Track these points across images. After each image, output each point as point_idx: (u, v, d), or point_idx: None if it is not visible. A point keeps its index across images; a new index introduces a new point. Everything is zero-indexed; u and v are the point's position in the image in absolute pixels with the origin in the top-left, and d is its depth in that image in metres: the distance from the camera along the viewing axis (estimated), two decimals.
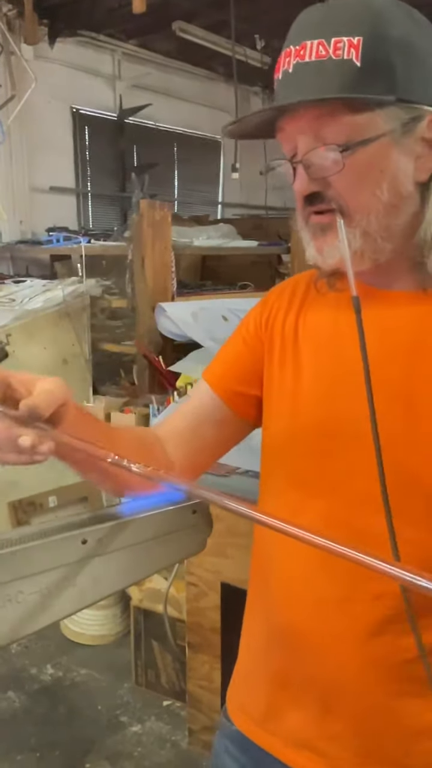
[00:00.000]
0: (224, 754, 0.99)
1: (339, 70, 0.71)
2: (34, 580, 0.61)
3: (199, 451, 0.96)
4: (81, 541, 0.64)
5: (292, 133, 0.76)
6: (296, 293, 0.93)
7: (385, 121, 0.73)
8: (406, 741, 0.82)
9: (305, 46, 0.73)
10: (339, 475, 0.82)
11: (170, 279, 3.12)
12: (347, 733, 0.85)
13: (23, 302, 3.22)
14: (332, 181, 0.75)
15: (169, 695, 2.48)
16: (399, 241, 0.78)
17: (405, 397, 0.78)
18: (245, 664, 1.01)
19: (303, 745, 0.88)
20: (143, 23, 4.25)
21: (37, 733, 2.34)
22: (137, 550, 0.69)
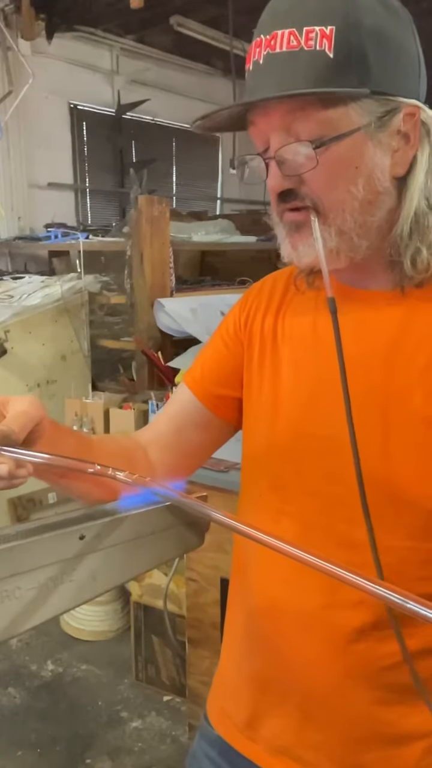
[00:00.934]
0: (204, 758, 0.97)
1: (311, 62, 0.68)
2: (32, 575, 0.61)
3: (183, 455, 0.95)
4: (79, 537, 0.63)
5: (263, 127, 0.74)
6: (275, 292, 0.92)
7: (360, 115, 0.70)
8: (387, 748, 0.81)
9: (276, 35, 0.70)
10: (316, 480, 0.81)
11: (169, 275, 3.12)
12: (328, 741, 0.83)
13: (21, 298, 3.22)
14: (306, 178, 0.73)
15: (169, 690, 2.49)
16: (375, 239, 0.75)
17: (383, 400, 0.76)
18: (226, 668, 0.99)
19: (283, 752, 0.87)
20: (141, 18, 4.24)
21: (38, 728, 2.34)
22: (135, 546, 0.68)
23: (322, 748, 0.84)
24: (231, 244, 4.04)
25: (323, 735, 0.84)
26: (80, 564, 0.64)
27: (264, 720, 0.89)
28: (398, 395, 0.75)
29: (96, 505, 0.69)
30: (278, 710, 0.87)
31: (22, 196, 4.41)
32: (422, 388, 0.75)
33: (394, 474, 0.75)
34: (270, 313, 0.90)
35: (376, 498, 0.73)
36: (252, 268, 4.12)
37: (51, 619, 0.64)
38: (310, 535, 0.81)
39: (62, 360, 3.27)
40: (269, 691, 0.88)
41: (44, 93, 4.48)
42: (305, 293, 0.86)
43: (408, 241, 0.74)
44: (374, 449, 0.75)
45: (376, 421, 0.76)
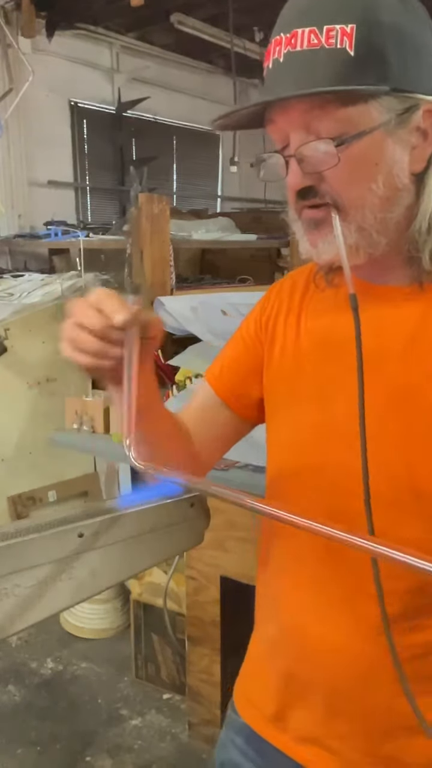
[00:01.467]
0: (231, 746, 0.99)
1: (332, 60, 0.69)
2: (31, 573, 0.61)
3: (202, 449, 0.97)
4: (77, 535, 0.64)
5: (283, 125, 0.74)
6: (295, 291, 0.93)
7: (380, 113, 0.71)
8: (413, 737, 0.82)
9: (296, 34, 0.71)
10: (336, 473, 0.82)
11: (169, 273, 3.11)
12: (354, 731, 0.85)
13: (22, 296, 3.22)
14: (326, 175, 0.73)
15: (169, 688, 2.49)
16: (393, 235, 0.76)
17: (401, 394, 0.77)
18: (253, 659, 1.01)
19: (310, 741, 0.88)
20: (141, 16, 4.24)
21: (38, 726, 2.35)
22: (134, 544, 0.68)
23: (348, 738, 0.85)
24: (231, 242, 4.03)
25: (349, 725, 0.85)
26: (79, 562, 0.64)
27: (290, 710, 0.91)
28: (416, 389, 0.76)
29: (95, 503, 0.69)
30: (304, 701, 0.89)
31: (23, 194, 4.41)
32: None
33: (412, 467, 0.76)
34: (291, 313, 0.91)
35: (395, 491, 0.75)
36: (252, 266, 4.12)
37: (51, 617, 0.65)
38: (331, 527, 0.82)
39: (62, 358, 3.26)
40: (296, 684, 0.90)
41: (44, 91, 4.47)
42: (324, 291, 0.87)
43: (426, 236, 0.76)
44: (392, 442, 0.76)
45: (394, 414, 0.77)
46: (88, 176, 5.00)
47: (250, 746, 0.96)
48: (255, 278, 3.89)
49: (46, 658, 2.72)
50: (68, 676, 2.62)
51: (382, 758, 0.84)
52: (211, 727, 2.14)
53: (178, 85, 5.44)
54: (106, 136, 5.10)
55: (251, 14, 4.28)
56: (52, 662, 2.70)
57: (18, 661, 2.71)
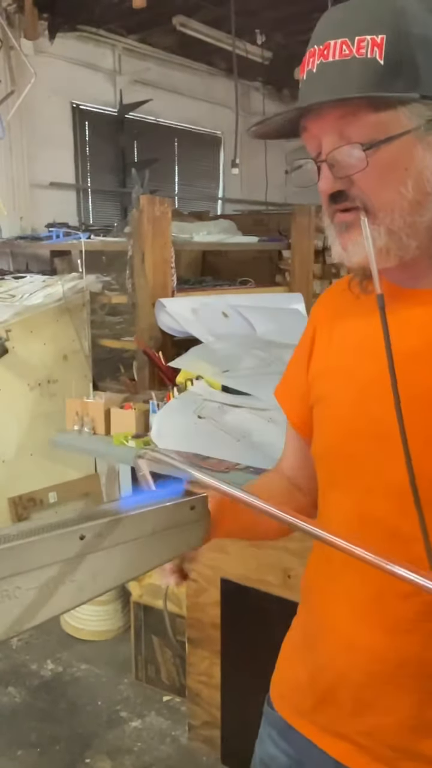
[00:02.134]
0: (267, 739, 1.02)
1: (363, 69, 0.72)
2: (32, 575, 0.61)
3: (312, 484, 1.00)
4: (79, 537, 0.64)
5: (316, 132, 0.77)
6: (333, 301, 0.96)
7: (409, 119, 0.73)
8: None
9: (329, 45, 0.74)
10: (370, 476, 0.84)
11: (170, 275, 3.12)
12: (383, 728, 0.86)
13: (23, 298, 3.22)
14: (356, 180, 0.76)
15: (169, 690, 2.49)
16: (424, 239, 0.78)
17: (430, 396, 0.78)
18: (287, 654, 1.04)
19: (340, 737, 0.90)
20: (143, 18, 4.24)
21: (38, 728, 2.35)
22: (135, 546, 0.69)
23: (377, 735, 0.87)
24: (232, 244, 4.04)
25: (379, 721, 0.86)
26: (80, 564, 0.64)
27: (321, 706, 0.93)
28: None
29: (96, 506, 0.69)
30: (335, 697, 0.90)
31: (24, 196, 4.41)
32: None
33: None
34: (329, 323, 0.94)
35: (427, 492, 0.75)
36: (253, 268, 4.13)
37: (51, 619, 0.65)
38: (366, 529, 0.84)
39: (63, 359, 3.27)
40: (326, 679, 0.91)
41: (46, 92, 4.48)
42: (359, 298, 0.89)
43: None
44: (425, 444, 0.77)
45: (426, 416, 0.78)
46: (89, 178, 5.00)
47: (283, 738, 0.99)
48: (256, 280, 3.89)
49: (46, 660, 2.72)
50: (68, 677, 2.62)
51: (414, 754, 0.85)
52: (211, 729, 2.14)
53: (180, 87, 5.45)
54: (107, 138, 5.11)
55: (253, 17, 4.29)
56: (52, 664, 2.70)
57: (18, 662, 2.71)
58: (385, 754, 0.86)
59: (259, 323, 3.07)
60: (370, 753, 0.88)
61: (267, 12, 4.22)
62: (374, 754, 0.87)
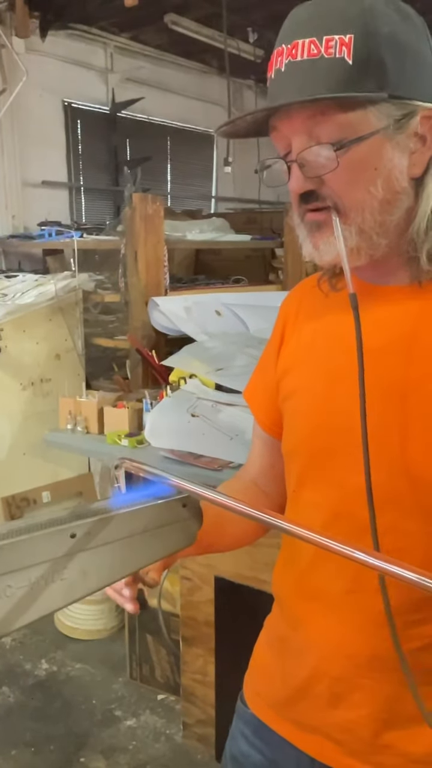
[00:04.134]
0: (240, 737, 1.02)
1: (331, 69, 0.72)
2: (23, 574, 0.61)
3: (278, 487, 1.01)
4: (70, 535, 0.63)
5: (285, 132, 0.77)
6: (303, 300, 0.96)
7: (378, 118, 0.73)
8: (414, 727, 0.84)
9: (297, 44, 0.74)
10: (339, 471, 0.84)
11: (163, 273, 3.11)
12: (357, 721, 0.87)
13: (15, 297, 3.21)
14: (327, 179, 0.76)
15: (163, 689, 2.49)
16: (393, 237, 0.79)
17: (401, 391, 0.79)
18: (261, 651, 1.04)
19: (314, 731, 0.91)
20: (135, 16, 4.22)
21: (32, 727, 2.34)
22: (127, 544, 0.68)
23: (350, 727, 0.87)
24: (225, 242, 4.03)
25: (352, 714, 0.87)
26: (72, 562, 0.64)
27: (295, 700, 0.93)
28: (416, 385, 0.78)
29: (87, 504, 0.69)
30: (309, 691, 0.91)
31: (16, 195, 4.40)
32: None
33: (412, 462, 0.78)
34: (298, 320, 0.95)
35: (396, 485, 0.78)
36: (246, 266, 4.12)
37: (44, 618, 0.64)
38: (339, 523, 0.85)
39: (56, 359, 3.26)
40: (300, 674, 0.92)
41: (38, 91, 4.46)
42: (329, 296, 0.90)
43: (424, 237, 0.78)
44: (394, 438, 0.79)
45: (395, 411, 0.79)
46: (82, 176, 4.99)
47: (257, 736, 0.99)
48: (249, 279, 3.89)
49: (40, 660, 2.72)
50: (62, 677, 2.62)
51: (384, 747, 0.86)
52: (206, 728, 2.14)
53: (172, 85, 5.44)
54: (100, 137, 5.10)
55: (245, 15, 4.29)
56: (46, 663, 2.70)
57: (12, 662, 2.70)
58: (358, 748, 0.87)
59: (252, 321, 3.07)
60: (344, 747, 0.88)
61: (259, 10, 4.22)
62: (348, 749, 0.88)
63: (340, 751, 0.89)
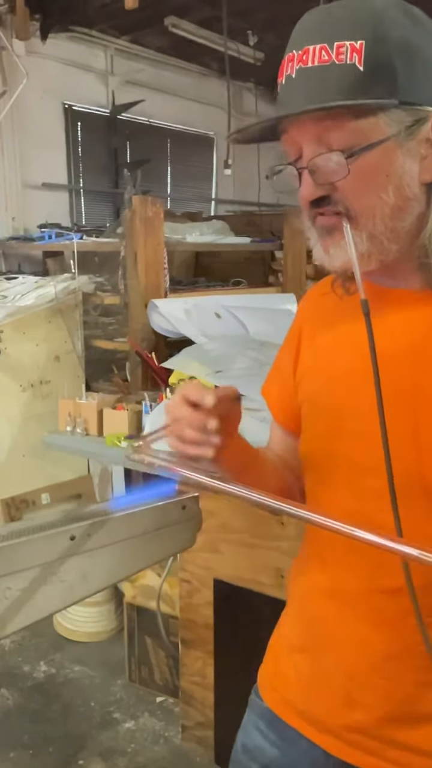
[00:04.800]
0: (253, 729, 1.03)
1: (342, 75, 0.72)
2: (23, 575, 0.61)
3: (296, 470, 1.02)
4: (69, 537, 0.64)
5: (296, 138, 0.78)
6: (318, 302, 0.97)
7: (389, 125, 0.74)
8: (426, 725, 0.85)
9: (308, 51, 0.74)
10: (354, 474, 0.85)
11: (163, 275, 3.11)
12: (372, 721, 0.88)
13: (15, 299, 3.21)
14: (338, 186, 0.76)
15: (162, 691, 2.49)
16: (404, 242, 0.79)
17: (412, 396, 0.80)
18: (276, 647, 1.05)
19: (329, 730, 0.92)
20: (136, 19, 4.23)
21: (31, 730, 2.34)
22: (126, 546, 0.68)
23: (365, 727, 0.88)
24: (225, 245, 4.03)
25: (366, 715, 0.88)
26: (71, 564, 0.64)
27: (311, 699, 0.94)
28: (426, 391, 0.79)
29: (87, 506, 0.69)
30: (325, 691, 0.92)
31: (17, 197, 4.40)
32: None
33: (425, 466, 0.79)
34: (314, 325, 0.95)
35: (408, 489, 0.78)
36: (246, 269, 4.12)
37: (43, 620, 0.64)
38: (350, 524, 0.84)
39: (56, 360, 3.26)
40: (317, 673, 0.93)
41: (39, 93, 4.47)
42: (343, 299, 0.90)
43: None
44: (406, 443, 0.79)
45: (407, 416, 0.80)
46: (82, 179, 4.99)
47: (272, 730, 0.99)
48: (249, 281, 3.89)
49: (39, 662, 2.71)
50: (61, 679, 2.61)
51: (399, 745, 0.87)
52: (205, 730, 2.14)
53: (172, 88, 5.44)
54: (100, 139, 5.10)
55: (245, 18, 4.29)
56: (45, 665, 2.69)
57: (11, 664, 2.70)
58: (372, 745, 0.88)
59: (251, 324, 3.07)
60: (357, 745, 0.89)
61: (259, 13, 4.22)
62: (362, 746, 0.89)
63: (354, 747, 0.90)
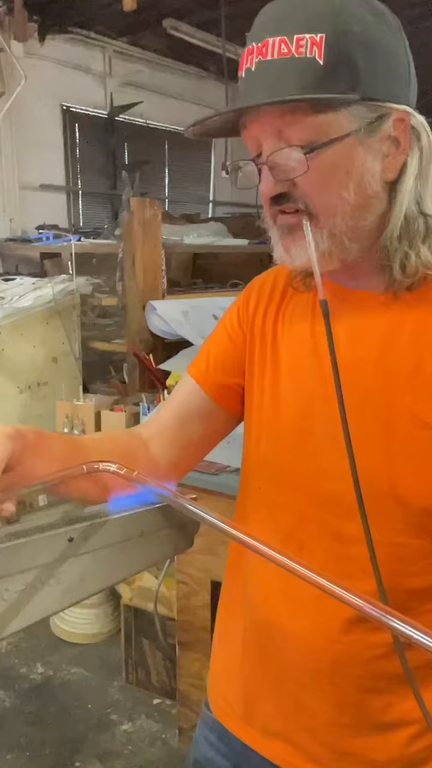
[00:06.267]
0: (204, 742, 1.01)
1: (302, 69, 0.70)
2: (20, 577, 0.61)
3: (185, 447, 0.97)
4: (67, 539, 0.63)
5: (255, 133, 0.75)
6: (275, 289, 0.93)
7: (350, 121, 0.71)
8: (375, 734, 0.84)
9: (267, 43, 0.71)
10: (313, 477, 0.83)
11: (160, 277, 3.11)
12: (319, 726, 0.86)
13: (13, 300, 3.21)
14: (298, 182, 0.74)
15: (159, 693, 2.49)
16: (366, 242, 0.77)
17: (379, 401, 0.78)
18: (222, 657, 1.03)
19: (276, 735, 0.90)
20: (134, 21, 4.24)
21: (28, 732, 2.33)
22: (124, 548, 0.68)
23: (313, 733, 0.87)
24: (223, 246, 4.04)
25: (314, 720, 0.87)
26: (69, 566, 0.64)
27: (259, 705, 0.92)
28: (393, 396, 0.77)
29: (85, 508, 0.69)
30: (273, 696, 0.90)
31: (14, 198, 4.40)
32: (412, 389, 0.77)
33: (392, 473, 0.77)
34: (270, 312, 0.92)
35: (372, 495, 0.75)
36: (244, 270, 4.12)
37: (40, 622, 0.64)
38: (306, 528, 0.83)
39: (53, 362, 3.26)
40: (264, 679, 0.91)
41: (37, 95, 4.47)
42: (302, 293, 0.88)
43: (397, 245, 0.76)
44: (373, 448, 0.77)
45: (373, 420, 0.78)
46: (80, 180, 4.99)
47: (222, 741, 0.98)
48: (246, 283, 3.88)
49: (35, 663, 2.71)
50: (58, 681, 2.61)
51: (347, 754, 0.86)
52: None
53: (170, 89, 5.45)
54: (98, 141, 5.11)
55: (243, 20, 4.27)
56: (42, 667, 2.69)
57: (7, 666, 2.70)
58: (321, 755, 0.87)
59: None
60: (307, 753, 0.88)
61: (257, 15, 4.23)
62: (311, 755, 0.87)
63: (303, 757, 0.88)
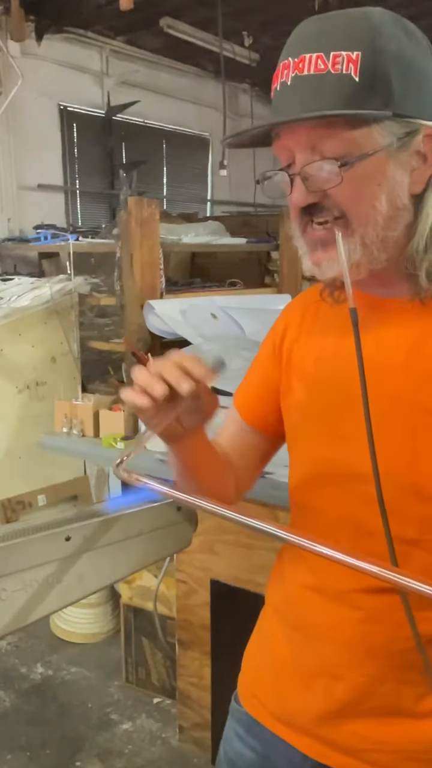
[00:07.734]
0: (234, 736, 1.03)
1: (338, 85, 0.73)
2: (18, 577, 0.61)
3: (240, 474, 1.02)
4: (65, 539, 0.63)
5: (289, 145, 0.78)
6: (306, 311, 0.97)
7: (382, 136, 0.75)
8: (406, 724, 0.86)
9: (304, 59, 0.75)
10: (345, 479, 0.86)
11: (159, 276, 3.11)
12: (350, 721, 0.88)
13: (11, 300, 3.21)
14: (331, 193, 0.77)
15: (159, 692, 2.49)
16: (393, 252, 0.80)
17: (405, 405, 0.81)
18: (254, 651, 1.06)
19: (308, 732, 0.92)
20: (131, 20, 4.23)
21: (28, 731, 2.33)
22: (122, 547, 0.68)
23: (345, 728, 0.89)
24: (221, 245, 4.03)
25: (346, 715, 0.88)
26: (67, 565, 0.64)
27: (290, 700, 0.94)
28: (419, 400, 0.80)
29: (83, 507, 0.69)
30: (304, 691, 0.92)
31: (12, 198, 4.39)
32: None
33: (417, 474, 0.80)
34: (302, 333, 0.96)
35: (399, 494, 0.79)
36: (242, 269, 4.12)
37: (39, 621, 0.64)
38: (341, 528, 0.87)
39: (52, 362, 3.26)
40: (295, 673, 0.93)
41: (34, 94, 4.46)
42: (332, 308, 0.91)
43: (423, 255, 0.79)
44: (401, 451, 0.80)
45: (401, 424, 0.80)
46: (77, 180, 4.99)
47: (249, 734, 1.00)
48: (245, 282, 3.89)
49: (35, 663, 2.71)
50: (58, 680, 2.61)
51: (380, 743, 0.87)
52: (202, 731, 2.14)
53: (168, 88, 5.45)
54: (95, 140, 5.10)
55: (240, 18, 4.30)
56: (41, 667, 2.69)
57: (7, 666, 2.70)
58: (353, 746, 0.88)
59: (247, 324, 3.07)
60: (337, 745, 0.89)
61: (254, 14, 4.23)
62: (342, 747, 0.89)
63: (334, 748, 0.90)
